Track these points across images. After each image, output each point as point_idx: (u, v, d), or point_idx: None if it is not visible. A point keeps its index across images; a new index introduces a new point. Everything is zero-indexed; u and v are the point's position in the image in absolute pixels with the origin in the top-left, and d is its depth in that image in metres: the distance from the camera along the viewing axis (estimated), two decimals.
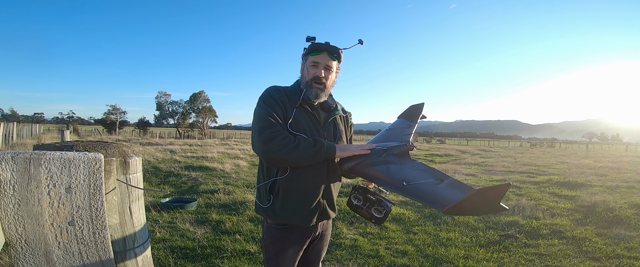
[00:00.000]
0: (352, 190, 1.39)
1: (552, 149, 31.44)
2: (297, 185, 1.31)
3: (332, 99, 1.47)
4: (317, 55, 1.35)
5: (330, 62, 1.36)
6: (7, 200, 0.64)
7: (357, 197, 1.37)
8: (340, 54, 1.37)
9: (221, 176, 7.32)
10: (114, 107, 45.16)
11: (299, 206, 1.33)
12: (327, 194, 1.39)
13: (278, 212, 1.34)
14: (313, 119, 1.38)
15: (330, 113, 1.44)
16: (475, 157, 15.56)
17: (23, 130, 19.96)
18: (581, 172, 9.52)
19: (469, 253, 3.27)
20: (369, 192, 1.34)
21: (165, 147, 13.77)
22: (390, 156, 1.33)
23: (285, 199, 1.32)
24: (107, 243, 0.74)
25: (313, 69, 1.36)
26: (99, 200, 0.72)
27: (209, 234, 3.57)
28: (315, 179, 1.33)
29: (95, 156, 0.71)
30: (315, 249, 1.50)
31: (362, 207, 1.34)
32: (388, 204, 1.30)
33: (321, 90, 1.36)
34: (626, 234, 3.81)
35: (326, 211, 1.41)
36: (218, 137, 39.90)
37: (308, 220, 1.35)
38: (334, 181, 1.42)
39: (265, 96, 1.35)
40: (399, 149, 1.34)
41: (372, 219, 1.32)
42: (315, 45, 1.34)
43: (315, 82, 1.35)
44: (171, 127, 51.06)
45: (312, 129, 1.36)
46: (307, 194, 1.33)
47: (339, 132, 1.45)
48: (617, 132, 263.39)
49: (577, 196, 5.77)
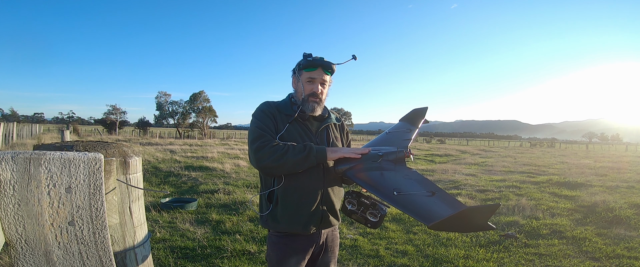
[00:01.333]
0: (345, 195, 1.39)
1: (552, 149, 31.44)
2: (294, 192, 1.33)
3: (325, 109, 1.52)
4: (312, 71, 1.39)
5: (325, 77, 1.41)
6: (7, 200, 0.64)
7: (351, 202, 1.36)
8: (334, 69, 1.42)
9: (221, 176, 7.32)
10: (114, 107, 45.15)
11: (296, 213, 1.34)
12: (327, 200, 1.39)
13: (278, 220, 1.36)
14: (305, 129, 1.42)
15: (323, 122, 1.47)
16: (475, 157, 15.56)
17: (23, 130, 19.96)
18: (581, 172, 9.52)
19: (469, 253, 3.27)
20: (363, 197, 1.34)
21: (165, 147, 13.76)
22: (386, 162, 1.32)
23: (284, 207, 1.34)
24: (107, 243, 0.74)
25: (309, 84, 1.40)
26: (99, 200, 0.72)
27: (209, 234, 3.57)
28: (312, 185, 1.34)
29: (95, 156, 0.71)
30: (323, 261, 1.48)
31: (357, 211, 1.34)
32: (383, 208, 1.29)
33: (317, 104, 1.41)
34: (626, 234, 3.81)
35: (328, 218, 1.40)
36: (218, 137, 39.90)
37: (307, 227, 1.35)
38: (332, 186, 1.41)
39: (256, 112, 1.42)
40: (395, 155, 1.34)
41: (367, 224, 1.31)
42: (311, 62, 1.38)
43: (312, 97, 1.40)
44: (171, 127, 51.06)
45: (304, 137, 1.39)
46: (304, 200, 1.34)
47: (332, 139, 1.47)
48: (617, 132, 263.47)
49: (577, 196, 5.77)
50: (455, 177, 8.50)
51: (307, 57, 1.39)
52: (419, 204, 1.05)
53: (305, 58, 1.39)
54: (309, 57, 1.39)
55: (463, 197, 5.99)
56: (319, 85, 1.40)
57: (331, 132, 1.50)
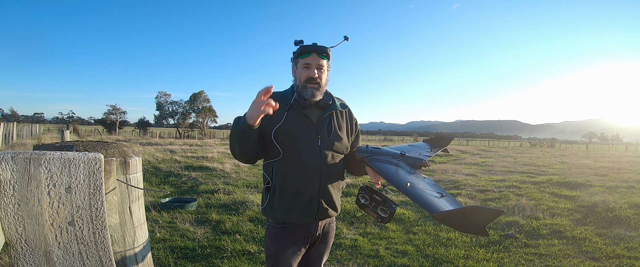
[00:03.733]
0: (359, 190, 1.44)
1: (552, 149, 31.43)
2: (290, 182, 1.36)
3: (328, 96, 1.49)
4: (307, 57, 1.38)
5: (321, 62, 1.40)
6: (7, 200, 0.64)
7: (364, 197, 1.41)
8: (329, 52, 1.41)
9: (221, 176, 7.32)
10: (114, 107, 45.16)
11: (292, 203, 1.36)
12: (324, 191, 1.40)
13: (275, 210, 1.38)
14: (304, 119, 1.40)
15: (326, 110, 1.45)
16: (475, 157, 15.55)
17: (23, 130, 19.95)
18: (581, 172, 9.51)
19: (469, 253, 3.27)
20: (375, 192, 1.39)
21: (165, 147, 13.76)
22: (404, 163, 1.38)
23: (281, 197, 1.37)
24: (107, 243, 0.74)
25: (305, 70, 1.40)
26: (99, 200, 0.72)
27: (209, 234, 3.57)
28: (308, 175, 1.36)
29: (95, 156, 0.71)
30: (316, 251, 1.50)
31: (369, 205, 1.40)
32: (392, 205, 1.36)
33: (316, 89, 1.40)
34: (626, 234, 3.81)
35: (325, 209, 1.41)
36: (218, 137, 39.90)
37: (302, 216, 1.37)
38: (332, 179, 1.42)
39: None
40: (415, 161, 1.40)
41: (378, 218, 1.38)
42: (304, 48, 1.38)
43: (309, 82, 1.39)
44: (171, 127, 51.07)
45: (304, 127, 1.39)
46: (300, 190, 1.36)
47: (334, 128, 1.45)
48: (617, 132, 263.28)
49: (577, 196, 5.77)
50: (455, 177, 8.50)
51: (300, 44, 1.39)
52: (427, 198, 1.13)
53: (298, 45, 1.39)
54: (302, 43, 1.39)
55: (463, 197, 5.99)
56: (315, 70, 1.39)
57: (334, 120, 1.47)
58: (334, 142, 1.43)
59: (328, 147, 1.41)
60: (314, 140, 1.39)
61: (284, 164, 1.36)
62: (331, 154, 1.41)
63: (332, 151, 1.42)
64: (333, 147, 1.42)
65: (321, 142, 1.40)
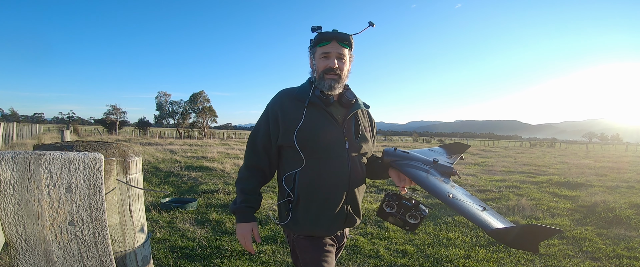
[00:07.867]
0: (384, 197, 1.29)
1: (552, 149, 31.43)
2: (317, 192, 1.21)
3: (350, 92, 1.33)
4: (326, 45, 1.23)
5: (342, 50, 1.24)
6: (7, 200, 0.64)
7: (391, 205, 1.27)
8: (351, 40, 1.26)
9: (221, 176, 7.32)
10: (114, 107, 45.18)
11: (320, 214, 1.22)
12: (351, 199, 1.28)
13: (300, 224, 1.24)
14: (328, 117, 1.25)
15: (351, 108, 1.30)
16: (475, 157, 15.55)
17: (23, 130, 19.95)
18: (581, 172, 9.51)
19: (469, 253, 3.27)
20: (404, 198, 1.27)
21: (165, 147, 13.76)
22: (435, 170, 1.29)
23: (306, 209, 1.22)
24: (107, 243, 0.74)
25: (324, 60, 1.24)
26: (99, 200, 0.72)
27: (209, 234, 3.57)
28: (336, 182, 1.22)
29: (95, 156, 0.71)
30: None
31: (396, 214, 1.27)
32: (425, 209, 1.25)
33: (335, 81, 1.24)
34: (626, 234, 3.81)
35: (351, 217, 1.30)
36: (218, 137, 39.90)
37: (331, 229, 1.25)
38: (358, 184, 1.29)
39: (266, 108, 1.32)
40: (445, 168, 1.31)
41: (405, 226, 1.26)
42: (323, 35, 1.22)
43: (328, 73, 1.24)
44: (171, 127, 51.07)
45: (328, 127, 1.23)
46: (329, 200, 1.22)
47: (361, 129, 1.31)
48: (617, 132, 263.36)
49: (577, 196, 5.77)
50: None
51: (318, 30, 1.23)
52: (475, 213, 1.06)
53: (316, 31, 1.24)
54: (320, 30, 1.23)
55: None
56: (335, 59, 1.23)
57: (361, 121, 1.33)
58: (362, 144, 1.30)
59: (356, 150, 1.27)
60: (341, 143, 1.24)
61: (308, 173, 1.21)
62: (358, 158, 1.29)
63: (360, 155, 1.30)
64: (361, 151, 1.29)
65: (348, 145, 1.25)
